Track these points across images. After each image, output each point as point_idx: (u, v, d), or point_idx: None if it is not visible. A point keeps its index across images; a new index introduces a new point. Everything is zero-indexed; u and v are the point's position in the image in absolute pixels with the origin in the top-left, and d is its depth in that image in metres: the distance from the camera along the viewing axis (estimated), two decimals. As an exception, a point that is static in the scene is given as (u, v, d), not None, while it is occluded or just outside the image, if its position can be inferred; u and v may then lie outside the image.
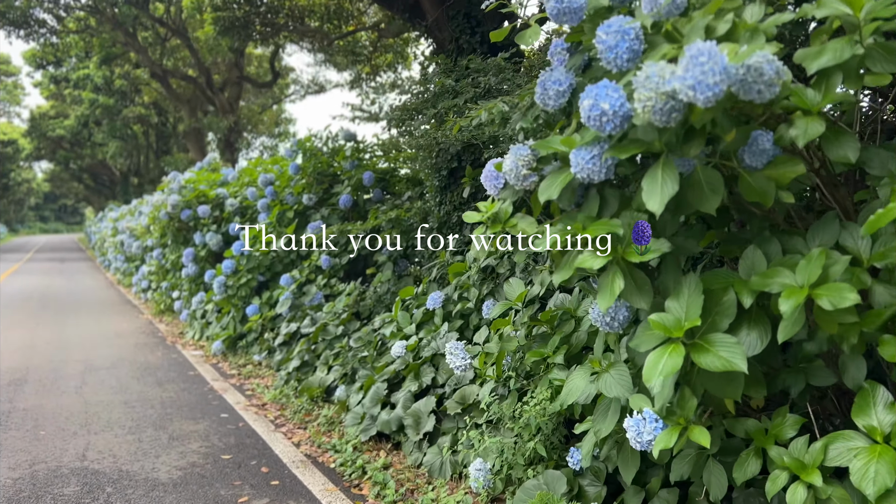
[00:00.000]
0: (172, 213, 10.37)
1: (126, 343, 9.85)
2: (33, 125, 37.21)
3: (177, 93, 21.15)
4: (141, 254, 14.56)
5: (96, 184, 63.82)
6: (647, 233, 6.66)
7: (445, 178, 7.30)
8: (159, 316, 12.63)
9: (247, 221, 10.28)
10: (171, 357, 8.87)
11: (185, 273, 10.37)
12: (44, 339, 10.11)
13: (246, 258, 8.85)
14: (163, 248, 12.27)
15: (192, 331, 10.17)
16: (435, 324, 5.84)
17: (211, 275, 9.12)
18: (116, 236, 20.82)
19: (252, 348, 8.54)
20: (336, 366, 6.43)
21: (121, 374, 7.78)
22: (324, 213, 8.98)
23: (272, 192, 9.36)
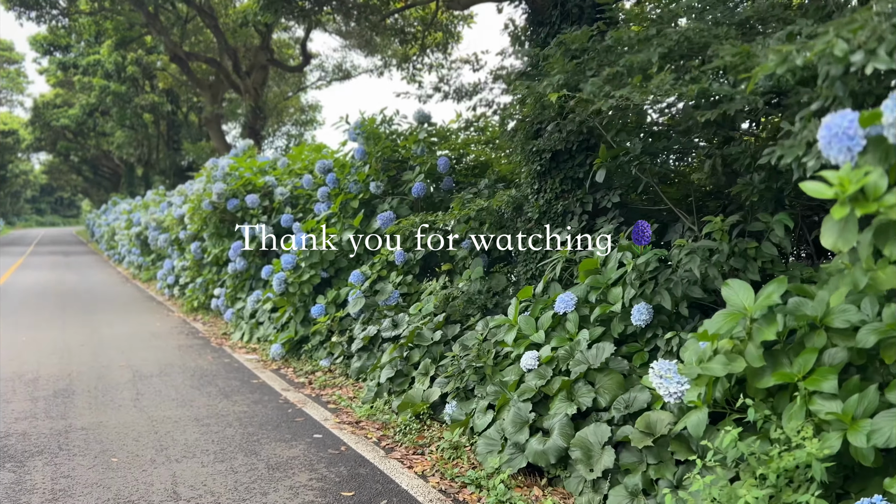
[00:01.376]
0: (217, 202, 9.48)
1: (167, 345, 8.96)
2: (36, 114, 36.09)
3: (198, 78, 20.13)
4: (168, 247, 13.65)
5: (96, 176, 62.70)
6: (646, 233, 5.79)
7: (548, 161, 6.44)
8: (192, 314, 11.74)
9: (299, 212, 9.40)
10: (224, 362, 7.99)
11: (232, 268, 9.48)
12: (76, 340, 9.21)
13: (308, 252, 7.96)
14: (201, 241, 11.36)
15: (239, 332, 9.29)
16: (568, 330, 4.98)
17: (269, 270, 8.23)
18: (131, 228, 19.90)
19: (318, 352, 7.66)
20: (440, 377, 5.56)
21: (176, 382, 6.90)
22: (392, 202, 8.10)
23: (334, 180, 8.47)
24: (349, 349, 7.17)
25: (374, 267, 7.62)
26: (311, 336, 7.82)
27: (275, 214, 9.40)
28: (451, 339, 5.98)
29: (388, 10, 10.48)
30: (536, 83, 5.10)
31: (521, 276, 6.67)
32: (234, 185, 9.45)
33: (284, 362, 7.87)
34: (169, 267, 13.73)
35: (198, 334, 9.84)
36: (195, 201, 10.06)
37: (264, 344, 8.78)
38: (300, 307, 8.14)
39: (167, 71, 22.95)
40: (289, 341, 7.92)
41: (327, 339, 7.69)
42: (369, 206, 8.35)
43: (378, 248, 8.03)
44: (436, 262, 7.88)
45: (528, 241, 6.54)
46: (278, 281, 7.90)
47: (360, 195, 8.22)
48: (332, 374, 7.20)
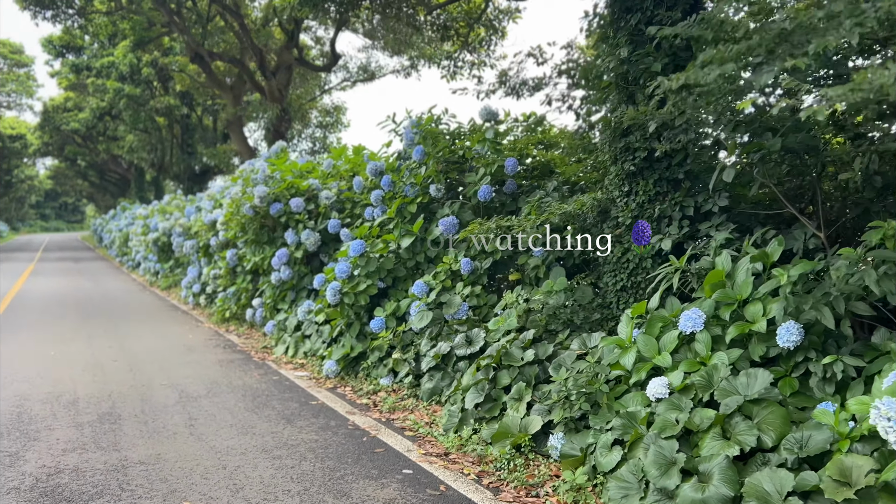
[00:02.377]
0: (260, 206, 8.87)
1: (205, 360, 8.35)
2: (46, 118, 35.52)
3: (219, 79, 19.50)
4: (193, 254, 13.04)
5: (102, 181, 62.30)
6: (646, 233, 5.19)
7: (641, 161, 5.84)
8: (223, 325, 11.12)
9: (346, 217, 8.79)
10: (272, 379, 7.37)
11: (276, 277, 8.87)
12: (107, 354, 8.60)
13: (365, 260, 7.35)
14: (236, 248, 10.74)
15: (282, 346, 8.67)
16: (697, 353, 4.36)
17: (321, 280, 7.61)
18: (148, 234, 19.31)
19: (377, 370, 7.04)
20: (538, 404, 4.94)
21: (228, 403, 6.29)
22: (453, 206, 7.49)
23: (389, 183, 7.86)
24: (417, 367, 6.55)
25: (437, 277, 7.00)
26: (370, 352, 7.20)
27: (321, 220, 8.79)
28: (545, 360, 5.35)
29: (437, 3, 9.88)
30: (670, 79, 4.47)
31: (609, 289, 6.06)
32: (278, 188, 8.84)
33: (340, 380, 7.25)
34: (195, 275, 13.12)
35: (235, 348, 9.22)
36: (233, 205, 9.44)
37: (312, 359, 8.17)
38: (355, 320, 7.53)
39: (185, 72, 22.35)
40: (344, 357, 7.30)
41: (388, 356, 7.07)
42: (427, 210, 7.74)
43: (438, 256, 7.43)
44: (500, 272, 7.28)
45: (618, 248, 5.95)
46: (332, 291, 7.28)
47: (419, 199, 7.61)
48: (397, 394, 6.57)
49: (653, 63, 5.46)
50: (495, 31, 11.62)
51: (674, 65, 5.62)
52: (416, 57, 18.33)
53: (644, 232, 6.37)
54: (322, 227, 8.71)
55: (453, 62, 11.97)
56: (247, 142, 19.84)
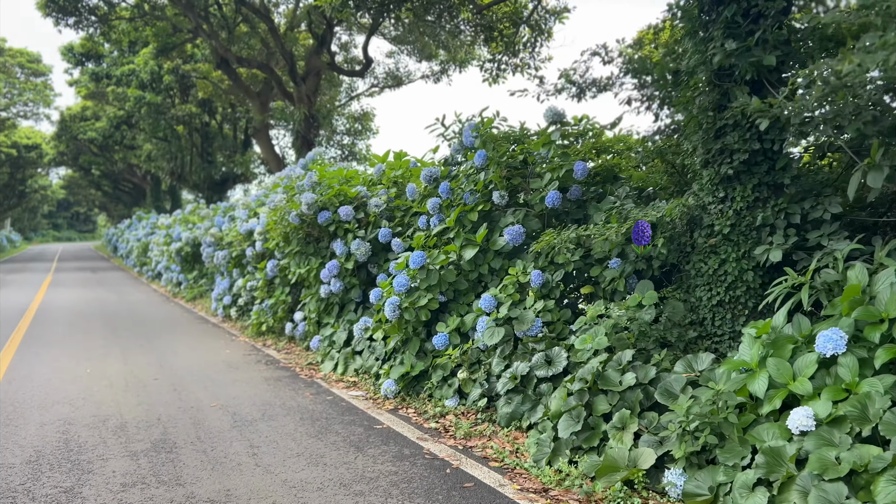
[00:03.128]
0: (307, 214, 8.42)
1: (250, 378, 7.89)
2: (63, 127, 35.30)
3: (245, 85, 19.08)
4: (224, 265, 12.60)
5: (116, 190, 62.28)
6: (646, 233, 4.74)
7: (740, 164, 5.37)
8: (259, 339, 10.66)
9: (396, 226, 8.33)
10: (326, 399, 6.90)
11: (326, 290, 8.40)
12: (147, 372, 8.16)
13: (426, 272, 6.88)
14: (275, 258, 10.30)
15: (330, 362, 8.20)
16: (840, 378, 3.86)
17: (378, 294, 7.13)
18: (171, 244, 18.91)
19: (441, 390, 6.55)
20: (646, 434, 4.45)
21: (287, 428, 5.81)
22: (517, 214, 7.02)
23: (447, 190, 7.39)
24: (490, 389, 6.06)
25: (505, 290, 6.52)
26: (432, 370, 6.72)
27: (371, 229, 8.33)
28: (647, 384, 4.85)
29: (484, 2, 9.43)
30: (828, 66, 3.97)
31: (702, 304, 5.57)
32: (326, 195, 8.39)
33: (401, 401, 6.76)
34: (226, 286, 12.68)
35: (278, 364, 8.76)
36: (276, 214, 8.99)
37: (364, 377, 7.70)
38: (413, 336, 7.05)
39: (208, 79, 22.00)
40: (404, 377, 6.82)
41: (452, 375, 6.59)
42: (489, 219, 7.27)
43: (503, 268, 6.95)
44: (567, 285, 6.79)
45: (714, 259, 5.46)
46: (391, 306, 6.81)
47: (480, 206, 7.14)
48: (467, 418, 6.08)
49: (765, 56, 4.98)
50: (541, 32, 11.16)
51: (780, 58, 5.16)
52: (446, 61, 17.91)
53: (644, 232, 5.88)
54: (372, 236, 8.25)
55: (496, 64, 11.51)
56: (273, 149, 19.42)
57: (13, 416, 6.14)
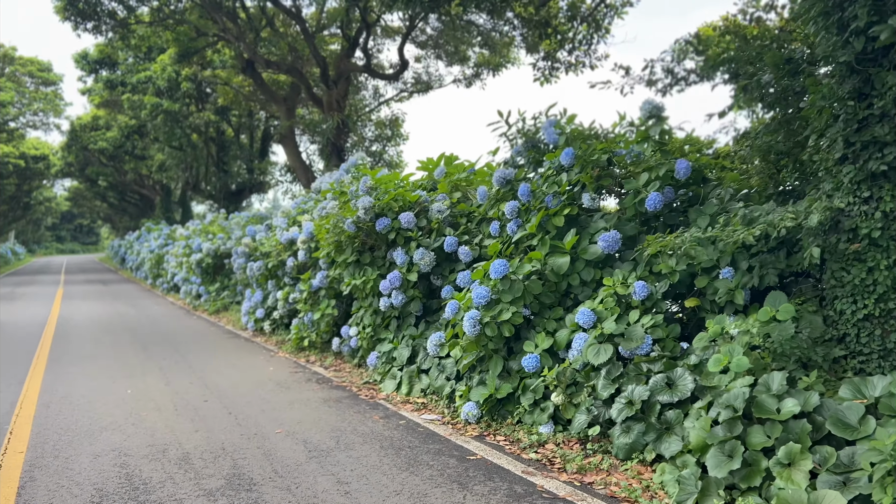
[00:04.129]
0: (364, 221, 7.77)
1: (306, 398, 7.22)
2: (73, 137, 34.71)
3: (271, 90, 18.45)
4: (258, 276, 11.94)
5: (122, 202, 61.80)
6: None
7: (894, 157, 4.75)
8: (301, 355, 9.98)
9: (462, 234, 7.68)
10: (399, 424, 6.23)
11: (385, 303, 7.74)
12: (192, 392, 7.49)
13: (509, 283, 6.21)
14: (319, 268, 9.64)
15: (391, 381, 7.52)
16: None
17: (455, 307, 6.44)
18: (192, 256, 18.27)
19: (534, 415, 5.87)
20: (825, 473, 3.77)
21: (370, 459, 5.14)
22: (611, 219, 6.37)
23: (527, 192, 6.74)
24: (600, 415, 5.38)
25: (605, 303, 5.86)
26: (521, 393, 6.04)
27: (434, 236, 7.68)
28: (813, 412, 4.18)
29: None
30: None
31: (845, 318, 4.91)
32: (384, 199, 7.74)
33: (486, 427, 6.08)
34: (258, 299, 12.02)
35: (331, 383, 8.08)
36: (329, 221, 8.33)
37: (433, 398, 7.02)
38: (494, 354, 6.38)
39: (230, 85, 21.40)
40: (487, 399, 6.14)
41: (544, 398, 5.91)
42: (574, 223, 6.61)
43: (594, 279, 6.29)
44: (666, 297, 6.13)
45: (859, 267, 4.81)
46: (471, 321, 6.14)
47: (566, 210, 6.48)
48: (569, 447, 5.40)
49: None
50: (597, 28, 10.55)
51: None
52: (479, 65, 17.32)
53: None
54: (437, 245, 7.59)
55: (550, 62, 10.88)
56: (300, 156, 18.79)
57: (61, 446, 5.47)
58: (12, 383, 7.96)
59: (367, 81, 20.21)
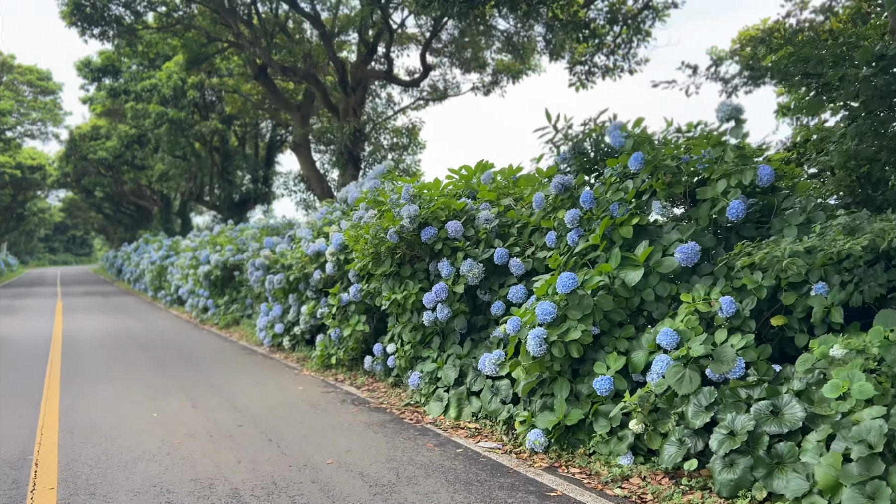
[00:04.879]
0: (407, 231, 7.28)
1: (348, 423, 6.70)
2: (72, 147, 34.10)
3: (284, 97, 17.94)
4: (280, 290, 11.40)
5: (116, 213, 61.19)
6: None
7: None
8: (327, 373, 9.45)
9: (513, 245, 7.19)
10: (457, 452, 5.72)
11: (429, 318, 7.23)
12: (223, 416, 6.96)
13: (578, 299, 5.72)
14: (347, 281, 9.14)
15: (437, 404, 7.01)
16: None
17: (516, 324, 5.93)
18: (199, 268, 17.72)
19: (610, 444, 5.36)
20: None
21: (440, 496, 4.64)
22: (685, 229, 5.90)
23: (591, 200, 6.26)
24: (690, 446, 4.87)
25: (688, 322, 5.37)
26: (592, 419, 5.54)
27: (483, 246, 7.19)
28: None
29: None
30: None
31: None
32: (431, 207, 7.25)
33: (556, 457, 5.56)
34: (276, 313, 11.49)
35: (368, 405, 7.56)
36: (369, 230, 7.82)
37: (486, 423, 6.51)
38: (559, 376, 5.88)
39: (239, 92, 20.89)
40: (557, 426, 5.63)
41: (621, 426, 5.41)
42: (643, 233, 6.13)
43: (668, 295, 5.80)
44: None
45: None
46: (536, 339, 5.63)
47: (635, 220, 6.00)
48: (656, 481, 4.89)
49: None
50: (637, 32, 10.12)
51: None
52: (499, 72, 16.91)
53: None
54: (486, 256, 7.09)
55: (588, 67, 10.44)
56: (314, 165, 18.27)
57: (94, 481, 4.93)
58: (28, 406, 7.40)
59: (380, 89, 19.77)
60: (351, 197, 10.20)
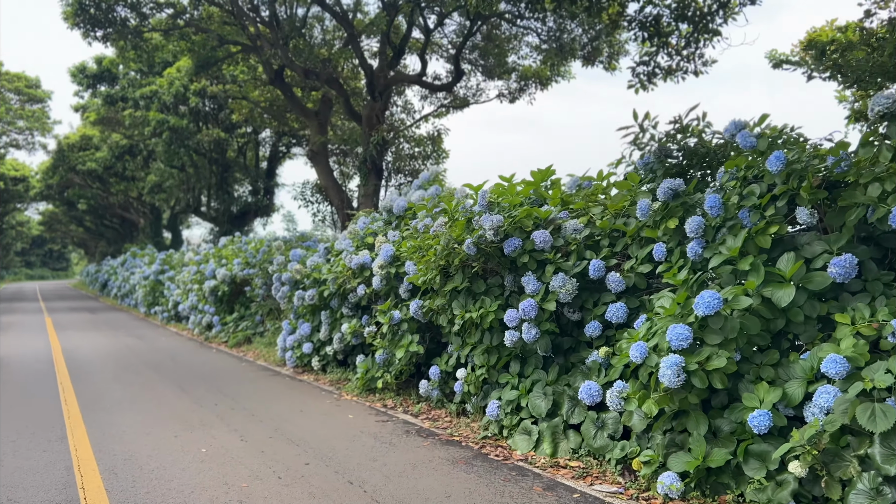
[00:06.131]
0: (489, 242, 6.46)
1: (426, 459, 5.84)
2: (60, 157, 32.85)
3: (301, 103, 17.03)
4: (309, 306, 10.49)
5: (98, 226, 59.74)
6: None
7: None
8: (375, 398, 8.57)
9: (608, 257, 6.39)
10: (573, 497, 4.90)
11: (513, 337, 6.39)
12: (282, 451, 6.08)
13: (721, 321, 4.93)
14: (394, 297, 8.30)
15: (524, 438, 6.17)
16: None
17: (643, 350, 5.11)
18: (205, 283, 16.76)
19: (767, 491, 4.55)
20: None
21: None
22: (838, 239, 5.15)
23: (718, 206, 5.49)
24: (890, 495, 4.07)
25: (857, 348, 4.59)
26: (741, 459, 4.73)
27: (574, 259, 6.39)
28: None
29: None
30: None
31: None
32: (517, 216, 6.44)
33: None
34: (305, 332, 10.59)
35: (436, 436, 6.70)
36: (438, 242, 6.99)
37: (590, 460, 5.67)
38: (692, 411, 5.07)
39: (248, 99, 19.95)
40: (698, 466, 4.81)
41: (779, 469, 4.60)
42: (780, 245, 5.37)
43: (818, 316, 5.03)
44: None
45: None
46: (674, 368, 4.82)
47: (774, 228, 5.24)
48: (843, 537, 4.08)
49: None
50: (705, 31, 9.43)
51: None
52: (527, 77, 16.21)
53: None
54: (578, 269, 6.29)
55: (651, 68, 9.74)
56: (332, 174, 17.38)
57: (165, 541, 4.03)
58: (52, 439, 6.45)
59: (397, 96, 18.95)
60: (397, 206, 9.37)
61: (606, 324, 6.28)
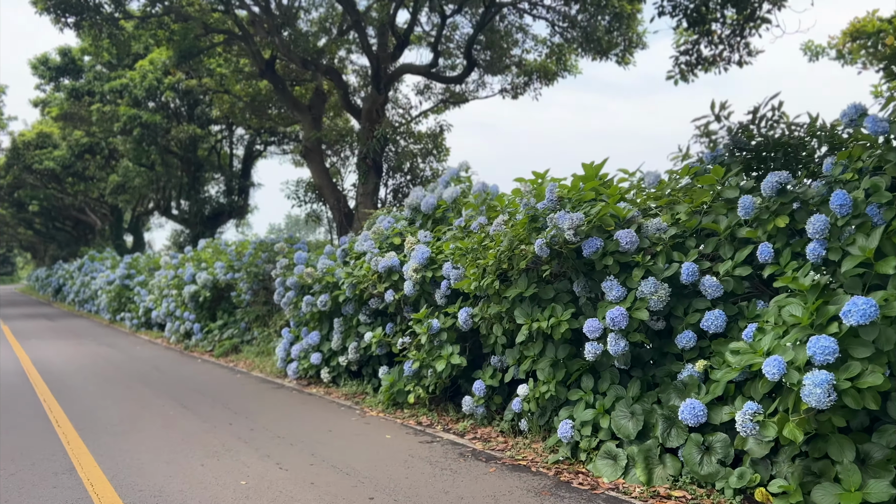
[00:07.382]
0: (566, 243, 5.71)
1: (503, 490, 5.09)
2: (15, 155, 31.03)
3: (293, 97, 15.98)
4: (319, 312, 9.60)
5: (51, 229, 57.26)
6: None
7: None
8: (402, 414, 7.75)
9: (699, 259, 5.70)
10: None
11: (596, 350, 5.64)
12: (332, 482, 5.25)
13: (875, 331, 4.26)
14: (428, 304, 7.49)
15: (608, 463, 5.44)
16: None
17: (780, 365, 4.39)
18: (184, 288, 15.66)
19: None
20: None
21: None
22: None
23: (846, 203, 4.84)
24: None
25: None
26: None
27: (662, 261, 5.68)
28: None
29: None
30: None
31: None
32: (598, 213, 5.70)
33: (862, 547, 4.05)
34: (313, 341, 9.70)
35: (498, 460, 5.93)
36: (499, 243, 6.20)
37: (697, 490, 4.98)
38: (833, 435, 4.40)
39: (230, 93, 18.79)
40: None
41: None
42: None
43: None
44: None
45: None
46: (823, 386, 4.13)
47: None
48: None
49: None
50: (751, 18, 8.85)
51: None
52: (531, 71, 15.53)
53: None
54: (669, 273, 5.58)
55: (693, 57, 9.14)
56: (327, 173, 16.39)
57: None
58: (58, 472, 5.48)
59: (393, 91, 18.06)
60: (425, 204, 8.57)
61: (705, 334, 5.60)
